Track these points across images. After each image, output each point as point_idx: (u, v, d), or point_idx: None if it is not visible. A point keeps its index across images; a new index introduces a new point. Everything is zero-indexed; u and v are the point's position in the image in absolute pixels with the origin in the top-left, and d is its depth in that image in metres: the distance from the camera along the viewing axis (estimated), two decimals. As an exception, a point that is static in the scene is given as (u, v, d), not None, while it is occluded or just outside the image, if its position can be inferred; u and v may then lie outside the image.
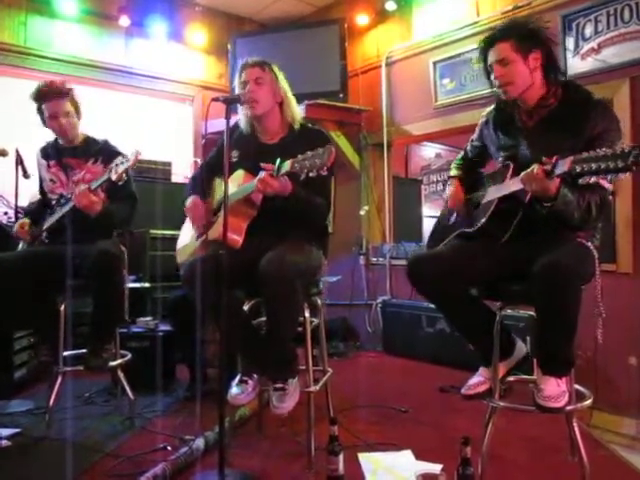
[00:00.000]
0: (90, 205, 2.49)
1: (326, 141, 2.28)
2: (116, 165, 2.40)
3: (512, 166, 2.05)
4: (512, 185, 1.99)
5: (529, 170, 1.79)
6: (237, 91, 2.38)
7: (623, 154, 1.53)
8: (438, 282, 2.03)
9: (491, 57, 2.05)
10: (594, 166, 1.58)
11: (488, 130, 2.26)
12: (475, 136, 2.37)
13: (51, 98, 2.68)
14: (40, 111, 2.72)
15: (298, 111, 2.43)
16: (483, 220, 2.10)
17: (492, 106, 2.28)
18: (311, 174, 1.95)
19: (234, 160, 2.38)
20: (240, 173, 2.28)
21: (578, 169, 1.63)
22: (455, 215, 2.36)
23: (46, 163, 2.85)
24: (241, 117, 2.44)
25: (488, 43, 2.07)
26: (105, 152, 2.73)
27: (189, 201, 2.46)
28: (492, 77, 2.08)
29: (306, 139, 2.29)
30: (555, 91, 2.03)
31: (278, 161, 2.04)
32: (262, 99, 2.32)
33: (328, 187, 2.37)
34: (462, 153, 2.47)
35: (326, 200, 2.34)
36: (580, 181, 1.71)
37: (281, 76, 2.39)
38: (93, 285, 2.52)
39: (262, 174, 2.07)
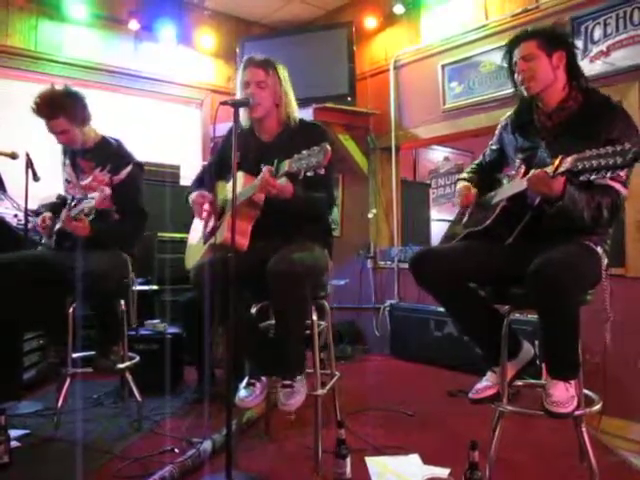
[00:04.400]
0: (75, 231, 2.50)
1: (323, 134, 2.30)
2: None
3: (524, 167, 2.05)
4: (519, 185, 1.99)
5: (532, 173, 1.82)
6: (237, 87, 2.37)
7: (623, 151, 1.56)
8: (438, 277, 2.05)
9: (516, 55, 2.09)
10: (595, 163, 1.61)
11: (507, 133, 2.28)
12: (494, 140, 2.38)
13: (43, 118, 2.62)
14: None
15: (295, 111, 2.40)
16: (490, 220, 2.12)
17: (511, 111, 2.29)
18: (309, 173, 1.94)
19: (236, 161, 2.38)
20: (240, 175, 2.28)
21: (580, 166, 1.66)
22: (468, 214, 2.35)
23: (64, 161, 2.86)
24: (241, 116, 2.44)
25: (514, 42, 2.11)
26: (114, 159, 2.68)
27: (194, 194, 2.46)
28: (516, 76, 2.11)
29: (302, 134, 2.30)
30: (575, 95, 2.05)
31: (276, 162, 2.05)
32: (263, 102, 2.32)
33: (329, 182, 2.35)
34: (479, 158, 2.47)
35: (327, 193, 2.33)
36: (581, 178, 1.72)
37: (284, 77, 2.37)
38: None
39: (262, 174, 2.07)
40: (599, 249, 1.95)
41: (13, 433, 2.36)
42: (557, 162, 1.73)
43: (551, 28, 2.13)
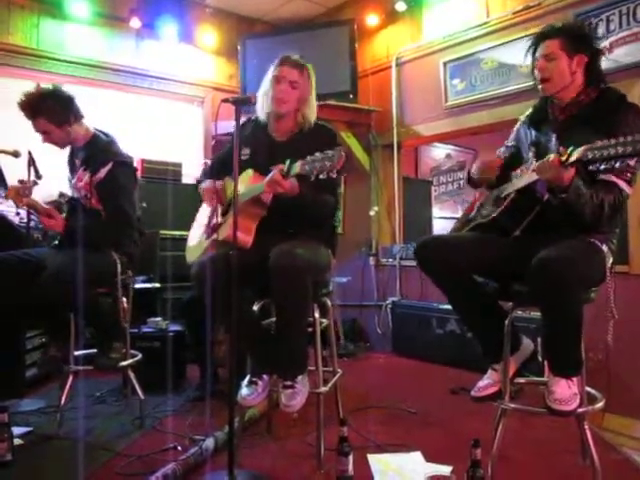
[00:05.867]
0: (49, 227, 2.63)
1: (335, 139, 2.32)
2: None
3: (535, 161, 2.05)
4: (529, 177, 1.99)
5: (544, 159, 1.82)
6: (267, 81, 2.37)
7: (633, 141, 1.58)
8: (442, 265, 2.05)
9: (538, 52, 2.09)
10: (605, 152, 1.63)
11: (524, 129, 2.28)
12: (510, 137, 2.38)
13: (26, 117, 2.63)
14: None
15: (313, 114, 2.42)
16: (497, 211, 2.12)
17: (530, 110, 2.29)
18: (321, 176, 1.94)
19: (245, 158, 2.39)
20: (249, 173, 2.29)
21: (590, 155, 1.67)
22: (476, 208, 2.33)
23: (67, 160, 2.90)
24: (260, 111, 2.44)
25: (539, 38, 2.11)
26: (98, 158, 2.66)
27: (206, 183, 2.47)
28: (535, 72, 2.11)
29: (315, 137, 2.31)
30: (590, 91, 2.05)
31: (288, 162, 2.05)
32: (290, 101, 2.34)
33: (336, 185, 2.38)
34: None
35: (334, 197, 2.34)
36: (590, 167, 1.72)
37: (313, 80, 2.40)
38: None
39: (272, 174, 2.08)
40: (604, 247, 1.95)
41: (16, 431, 2.36)
42: (567, 152, 1.73)
43: (578, 28, 2.12)
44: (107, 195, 2.62)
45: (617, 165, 1.66)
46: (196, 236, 2.55)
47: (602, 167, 1.68)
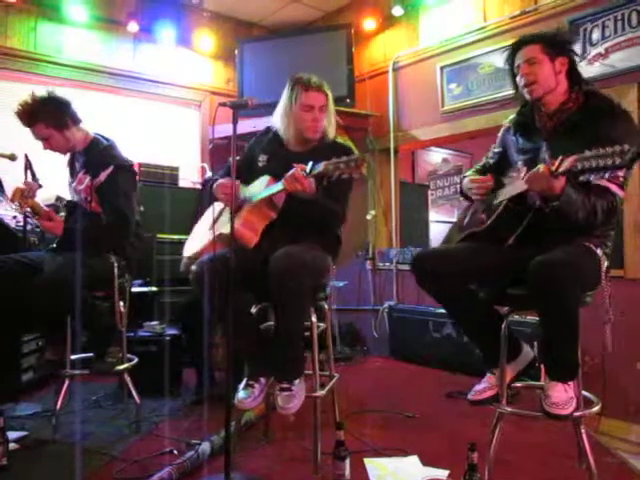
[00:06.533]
0: (47, 229, 2.68)
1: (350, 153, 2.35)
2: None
3: (525, 168, 2.05)
4: (520, 186, 2.00)
5: (534, 169, 1.82)
6: (294, 106, 2.37)
7: (622, 152, 1.58)
8: (439, 278, 2.05)
9: (519, 58, 2.11)
10: (594, 163, 1.63)
11: (509, 135, 2.29)
12: (496, 143, 2.39)
13: (24, 126, 2.63)
14: None
15: (334, 131, 2.48)
16: (491, 219, 2.12)
17: (513, 114, 2.30)
18: (344, 176, 2.01)
19: (262, 165, 2.44)
20: (266, 178, 2.33)
21: (579, 166, 1.67)
22: (469, 215, 2.34)
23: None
24: (282, 128, 2.45)
25: (518, 45, 2.12)
26: (98, 161, 2.66)
27: (223, 179, 2.43)
28: (517, 78, 2.13)
29: (334, 151, 2.28)
30: (576, 97, 2.07)
31: (311, 163, 2.08)
32: (323, 125, 2.41)
33: (347, 195, 2.41)
34: (482, 161, 2.45)
35: (342, 208, 2.38)
36: (581, 178, 1.73)
37: (332, 98, 2.47)
38: None
39: (293, 171, 2.10)
40: (599, 251, 1.96)
41: (11, 435, 2.35)
42: (557, 162, 1.74)
43: (555, 33, 2.14)
44: (107, 198, 2.61)
45: (606, 176, 1.67)
46: (202, 230, 2.55)
47: (592, 177, 1.69)
